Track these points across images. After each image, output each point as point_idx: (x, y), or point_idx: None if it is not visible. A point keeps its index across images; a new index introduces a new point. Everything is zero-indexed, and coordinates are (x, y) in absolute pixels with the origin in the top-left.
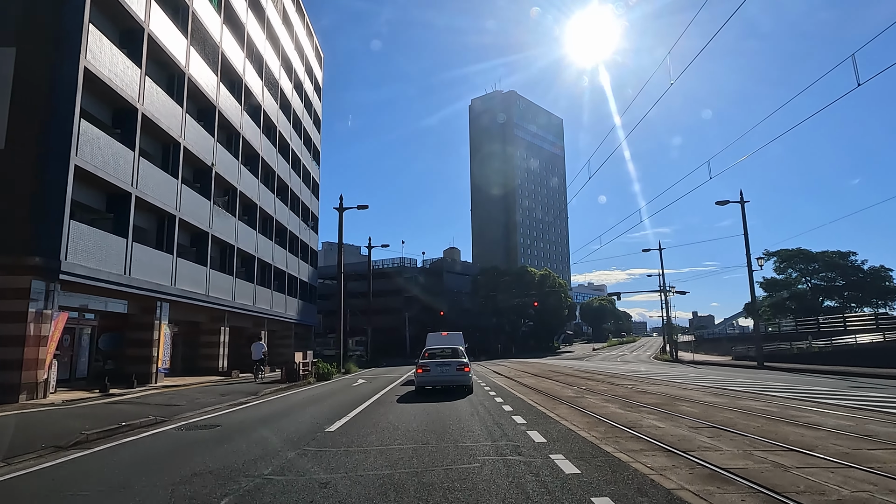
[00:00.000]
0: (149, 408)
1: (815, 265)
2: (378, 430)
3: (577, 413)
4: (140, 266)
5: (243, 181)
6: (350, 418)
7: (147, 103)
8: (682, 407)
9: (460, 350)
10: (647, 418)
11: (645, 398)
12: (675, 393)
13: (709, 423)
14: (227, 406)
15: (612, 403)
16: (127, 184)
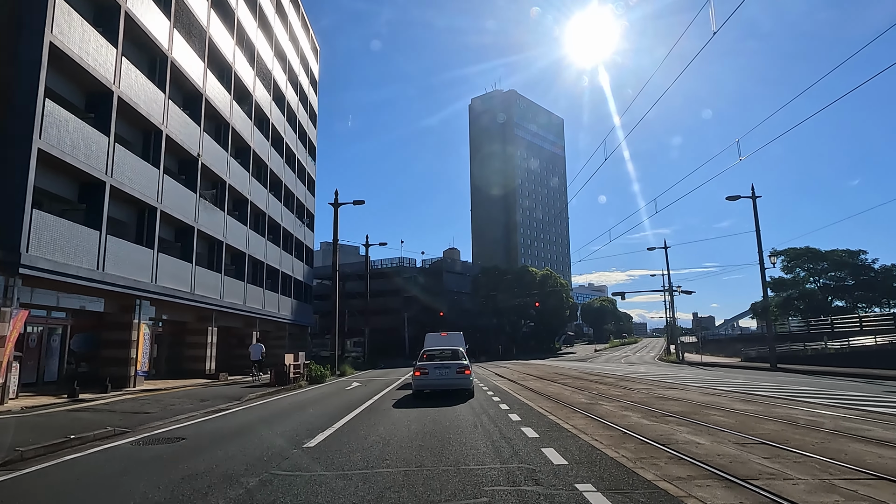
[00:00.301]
0: (114, 416)
1: (823, 264)
2: (365, 446)
3: (596, 424)
4: (116, 261)
5: (233, 174)
6: (335, 430)
7: (124, 86)
8: (714, 416)
9: (460, 351)
10: (679, 431)
11: (667, 405)
12: (698, 399)
13: (755, 438)
14: (203, 414)
15: (632, 412)
16: (101, 172)
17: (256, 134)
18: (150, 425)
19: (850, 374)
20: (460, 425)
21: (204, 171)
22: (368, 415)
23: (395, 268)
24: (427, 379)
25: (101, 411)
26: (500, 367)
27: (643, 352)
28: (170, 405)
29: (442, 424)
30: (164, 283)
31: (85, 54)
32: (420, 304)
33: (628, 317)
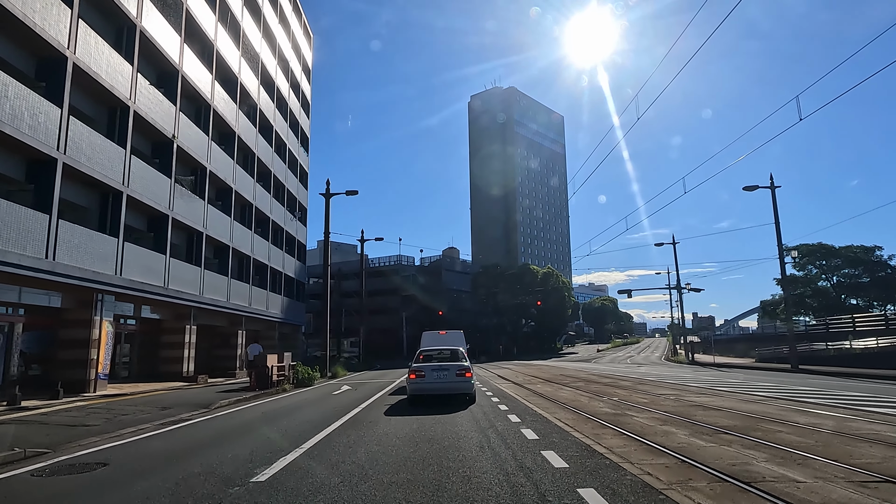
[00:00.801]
0: (42, 431)
1: (837, 261)
2: (333, 483)
3: (639, 446)
4: (72, 250)
5: (215, 160)
6: (302, 452)
7: (81, 53)
8: (781, 434)
9: (460, 351)
10: (753, 458)
11: (711, 417)
12: (743, 408)
13: (868, 473)
14: (156, 426)
15: (673, 426)
16: (51, 148)
17: (242, 119)
18: (80, 443)
19: (887, 376)
20: (463, 447)
21: (180, 154)
22: (349, 430)
23: (393, 266)
24: (423, 382)
25: (31, 423)
26: (501, 367)
27: (647, 352)
28: (122, 415)
29: (440, 445)
30: (132, 276)
31: (31, 12)
32: (419, 304)
33: (629, 317)
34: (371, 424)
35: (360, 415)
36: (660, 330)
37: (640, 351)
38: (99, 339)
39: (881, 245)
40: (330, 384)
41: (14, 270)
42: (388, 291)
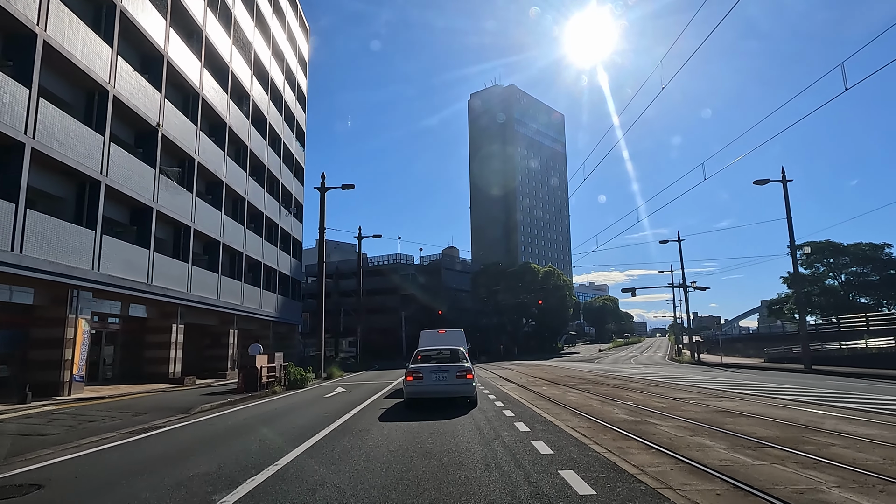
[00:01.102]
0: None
1: (845, 259)
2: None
3: (677, 466)
4: (42, 243)
5: (204, 151)
6: (277, 471)
7: (54, 31)
8: (840, 450)
9: (461, 352)
10: (827, 485)
11: (747, 426)
12: (778, 415)
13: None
14: (123, 436)
15: (708, 438)
16: (17, 131)
17: (234, 110)
18: (27, 457)
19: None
20: (465, 464)
21: (166, 144)
22: (336, 440)
23: (393, 265)
24: (421, 385)
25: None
26: (503, 368)
27: (650, 352)
28: (88, 422)
29: (438, 462)
30: (111, 272)
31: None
32: (418, 303)
33: (629, 316)
34: (361, 434)
35: (351, 421)
36: (660, 330)
37: (643, 351)
38: (74, 339)
39: (890, 242)
40: (324, 386)
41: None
42: (387, 291)
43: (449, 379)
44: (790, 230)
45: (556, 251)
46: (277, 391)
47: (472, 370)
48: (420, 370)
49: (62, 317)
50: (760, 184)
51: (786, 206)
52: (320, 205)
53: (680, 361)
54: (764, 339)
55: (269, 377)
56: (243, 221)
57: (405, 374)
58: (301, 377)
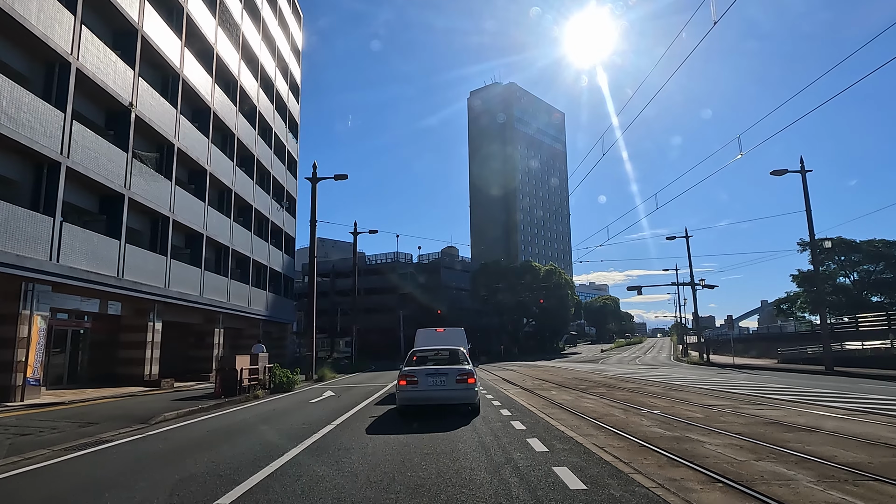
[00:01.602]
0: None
1: (857, 256)
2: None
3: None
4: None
5: (186, 137)
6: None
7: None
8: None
9: (461, 352)
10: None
11: (821, 447)
12: (846, 430)
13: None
14: (56, 453)
15: (782, 465)
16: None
17: (220, 95)
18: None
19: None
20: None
21: (141, 127)
22: (305, 465)
23: (391, 263)
24: (416, 390)
25: None
26: (504, 369)
27: (653, 352)
28: (22, 435)
29: (436, 500)
30: (74, 264)
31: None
32: (417, 302)
33: (630, 316)
34: (340, 455)
35: (332, 435)
36: (660, 330)
37: (646, 351)
38: (28, 338)
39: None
40: (312, 389)
41: None
42: (386, 290)
43: (448, 383)
44: (809, 223)
45: (557, 250)
46: (260, 395)
47: (474, 373)
48: (415, 373)
49: (14, 313)
50: (778, 174)
51: (805, 198)
52: (312, 196)
53: (688, 362)
54: (773, 339)
55: (251, 380)
56: (230, 214)
57: (398, 377)
58: (288, 380)
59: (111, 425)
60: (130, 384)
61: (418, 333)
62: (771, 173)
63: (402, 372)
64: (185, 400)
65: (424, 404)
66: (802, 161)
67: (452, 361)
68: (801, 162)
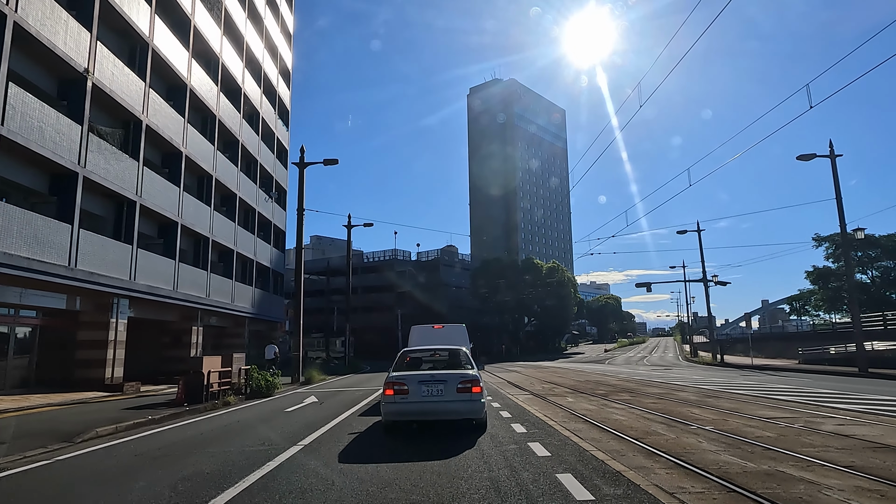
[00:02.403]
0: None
1: (875, 251)
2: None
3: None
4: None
5: (156, 113)
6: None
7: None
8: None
9: (463, 353)
10: None
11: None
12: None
13: None
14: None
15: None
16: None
17: (199, 72)
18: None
19: None
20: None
21: (100, 98)
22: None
23: (389, 261)
24: (406, 402)
25: None
26: (507, 370)
27: (659, 352)
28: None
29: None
30: (8, 250)
31: None
32: (416, 301)
33: (631, 316)
34: (293, 499)
35: (292, 464)
36: (661, 329)
37: (651, 351)
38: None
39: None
40: (296, 393)
41: None
42: (383, 288)
43: (447, 393)
44: (840, 212)
45: (558, 249)
46: (231, 402)
47: (480, 380)
48: (405, 380)
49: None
50: (805, 158)
51: (835, 185)
52: (299, 181)
53: (699, 362)
54: (789, 339)
55: (221, 384)
56: (210, 202)
57: (384, 385)
58: (267, 384)
59: (25, 444)
60: (88, 388)
61: (412, 331)
62: (798, 158)
63: (389, 378)
64: (139, 409)
65: (417, 419)
66: (832, 145)
67: (453, 365)
68: (831, 146)
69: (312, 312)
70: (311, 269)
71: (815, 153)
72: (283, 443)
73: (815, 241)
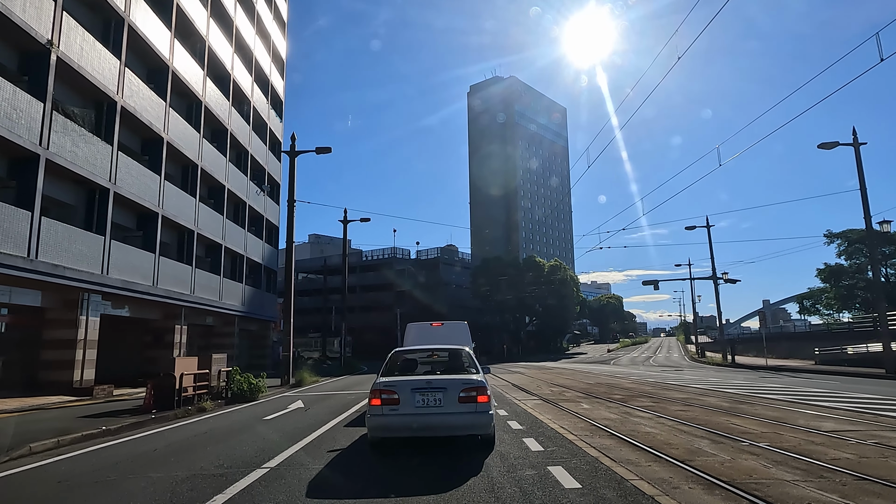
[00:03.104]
0: None
1: (889, 248)
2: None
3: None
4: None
5: (133, 95)
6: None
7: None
8: None
9: (466, 354)
10: None
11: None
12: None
13: None
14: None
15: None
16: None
17: (182, 53)
18: None
19: None
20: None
21: (66, 73)
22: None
23: (388, 259)
24: (396, 414)
25: None
26: (510, 371)
27: (663, 352)
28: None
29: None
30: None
31: None
32: (415, 300)
33: (632, 316)
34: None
35: (246, 497)
36: (662, 329)
37: (655, 351)
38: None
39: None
40: (283, 397)
41: None
42: (382, 287)
43: (447, 403)
44: (864, 204)
45: (559, 248)
46: (208, 408)
47: (487, 387)
48: (395, 387)
49: None
50: (827, 147)
51: (859, 175)
52: (290, 171)
53: (707, 363)
54: (801, 339)
55: (198, 388)
56: (196, 193)
57: (370, 392)
58: (251, 387)
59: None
60: (54, 392)
61: (408, 329)
62: (819, 146)
63: (377, 385)
64: (98, 417)
65: (409, 436)
66: (855, 132)
67: (454, 368)
68: (854, 133)
69: (310, 312)
70: (308, 268)
71: (838, 141)
72: (244, 465)
73: (826, 238)
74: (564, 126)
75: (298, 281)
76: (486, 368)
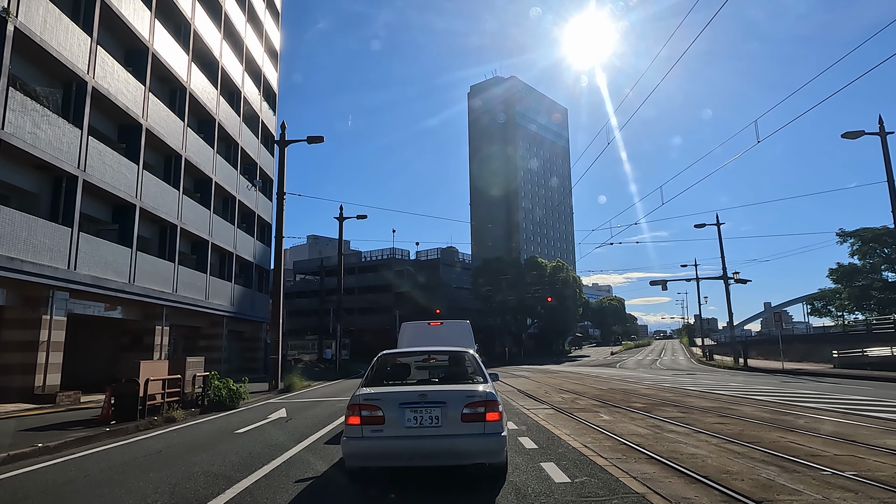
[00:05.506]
0: None
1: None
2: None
3: None
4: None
5: (107, 76)
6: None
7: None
8: None
9: (470, 358)
10: None
11: None
12: None
13: None
14: None
15: None
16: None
17: (163, 35)
18: None
19: None
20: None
21: (26, 48)
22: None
23: (387, 260)
24: (381, 437)
25: None
26: (514, 375)
27: (668, 355)
28: None
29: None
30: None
31: None
32: (414, 302)
33: (634, 318)
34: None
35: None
36: (662, 332)
37: (660, 354)
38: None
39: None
40: (264, 405)
41: None
42: (381, 288)
43: (446, 423)
44: (892, 196)
45: (560, 249)
46: (177, 417)
47: (497, 401)
48: (380, 401)
49: None
50: (852, 136)
51: (886, 167)
52: (279, 161)
53: (717, 366)
54: (815, 341)
55: (168, 395)
56: (179, 185)
57: (347, 408)
58: (230, 393)
59: None
60: (11, 399)
61: (403, 329)
62: (843, 136)
63: (356, 399)
64: (44, 430)
65: (397, 465)
66: (882, 121)
67: (455, 376)
68: (881, 122)
69: (307, 314)
70: (306, 269)
71: (864, 130)
72: (185, 502)
73: (839, 237)
74: (565, 126)
75: (296, 282)
76: (495, 375)
